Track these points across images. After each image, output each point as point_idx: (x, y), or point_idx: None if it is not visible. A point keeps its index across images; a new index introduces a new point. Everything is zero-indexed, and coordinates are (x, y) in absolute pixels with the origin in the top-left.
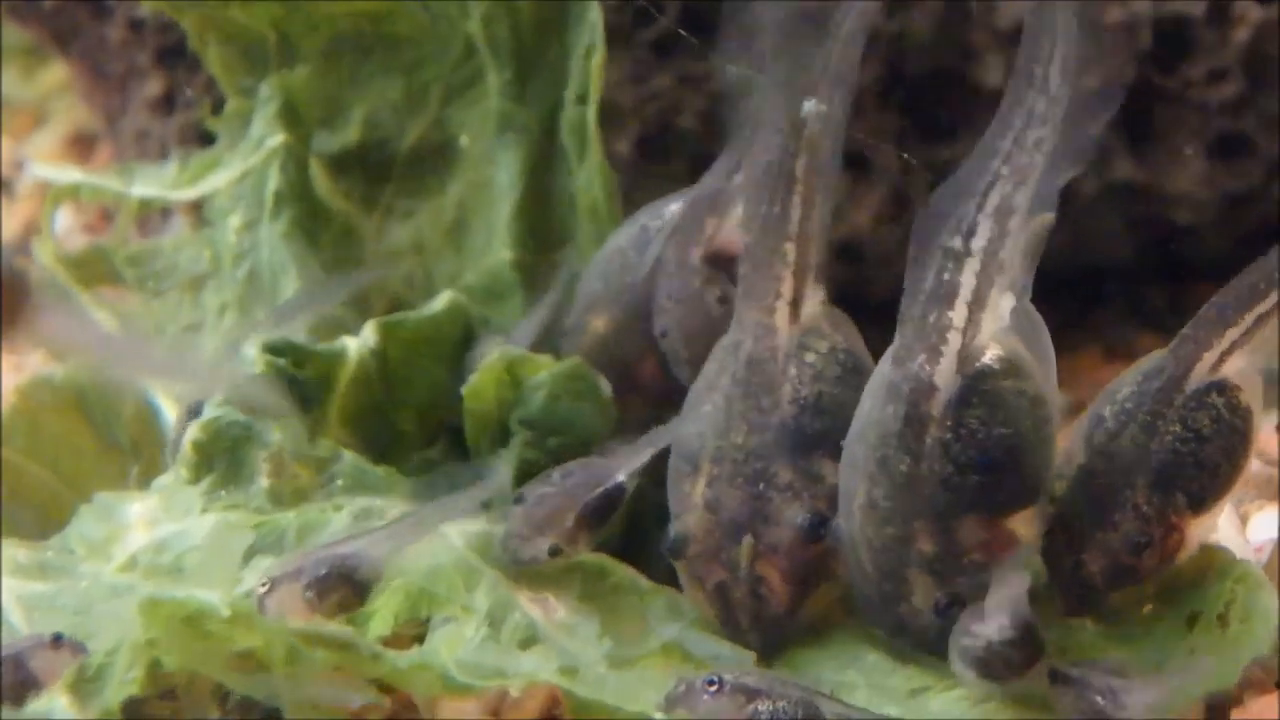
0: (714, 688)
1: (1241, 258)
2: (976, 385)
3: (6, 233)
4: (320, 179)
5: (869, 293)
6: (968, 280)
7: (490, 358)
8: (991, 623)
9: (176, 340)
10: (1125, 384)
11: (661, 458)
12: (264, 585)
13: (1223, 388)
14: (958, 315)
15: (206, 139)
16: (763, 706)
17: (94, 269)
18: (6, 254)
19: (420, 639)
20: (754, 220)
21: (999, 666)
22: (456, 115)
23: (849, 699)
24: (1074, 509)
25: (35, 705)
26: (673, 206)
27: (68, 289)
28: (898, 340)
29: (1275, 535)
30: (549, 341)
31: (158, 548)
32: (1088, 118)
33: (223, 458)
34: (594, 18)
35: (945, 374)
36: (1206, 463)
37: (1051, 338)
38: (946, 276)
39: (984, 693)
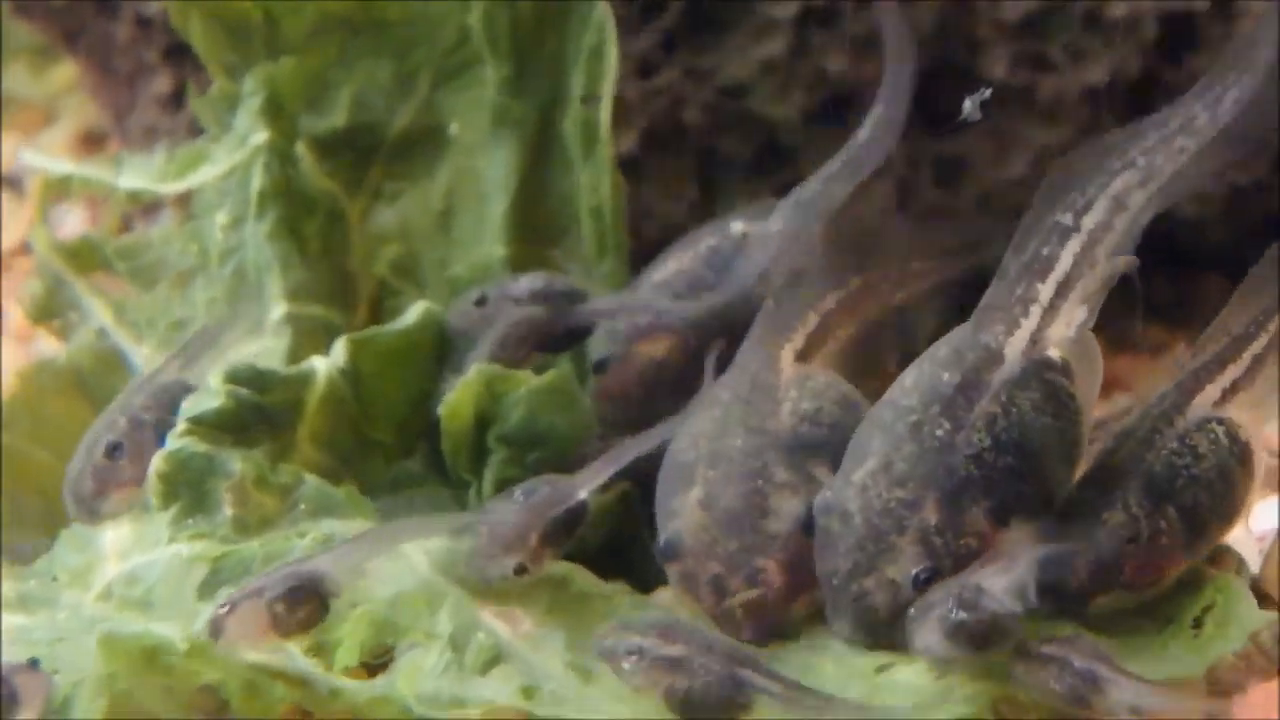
0: (634, 658)
1: (1245, 249)
2: (1039, 371)
3: (19, 230)
4: (307, 159)
5: None
6: (1066, 258)
7: (467, 375)
8: (995, 599)
9: (168, 336)
10: (1131, 412)
11: (651, 459)
12: (223, 607)
13: (1223, 420)
14: (1045, 291)
15: None
16: (679, 684)
17: (88, 258)
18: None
19: (387, 665)
20: (785, 272)
21: (985, 640)
22: (447, 101)
23: (817, 675)
24: (1066, 510)
25: None
26: (736, 224)
27: (64, 276)
28: (975, 316)
29: (1277, 525)
30: None
31: (129, 579)
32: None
33: (188, 488)
34: (600, 17)
35: (1016, 348)
36: (1201, 478)
37: None
38: (1046, 251)
39: (946, 664)
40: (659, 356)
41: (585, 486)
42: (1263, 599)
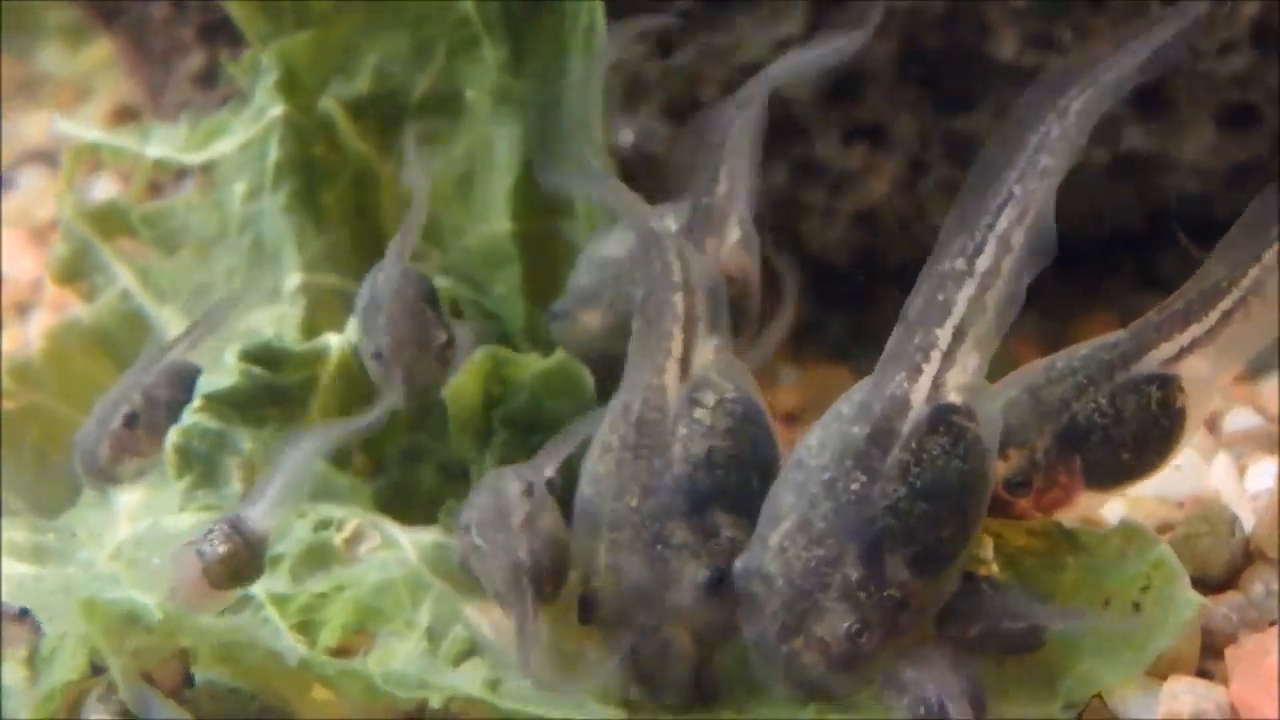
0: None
1: None
2: (945, 415)
3: (51, 207)
4: (342, 123)
5: (885, 260)
6: (961, 303)
7: (475, 357)
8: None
9: (189, 301)
10: (1083, 347)
11: None
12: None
13: (1166, 383)
14: (944, 337)
15: None
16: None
17: (114, 223)
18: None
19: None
20: (642, 280)
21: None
22: (462, 69)
23: None
24: None
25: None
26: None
27: (88, 237)
28: (879, 367)
29: (1271, 485)
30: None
31: (137, 541)
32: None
33: (199, 462)
34: None
35: (921, 392)
36: (1114, 442)
37: (1065, 304)
38: (942, 297)
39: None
40: (594, 327)
41: (550, 466)
42: (1254, 558)
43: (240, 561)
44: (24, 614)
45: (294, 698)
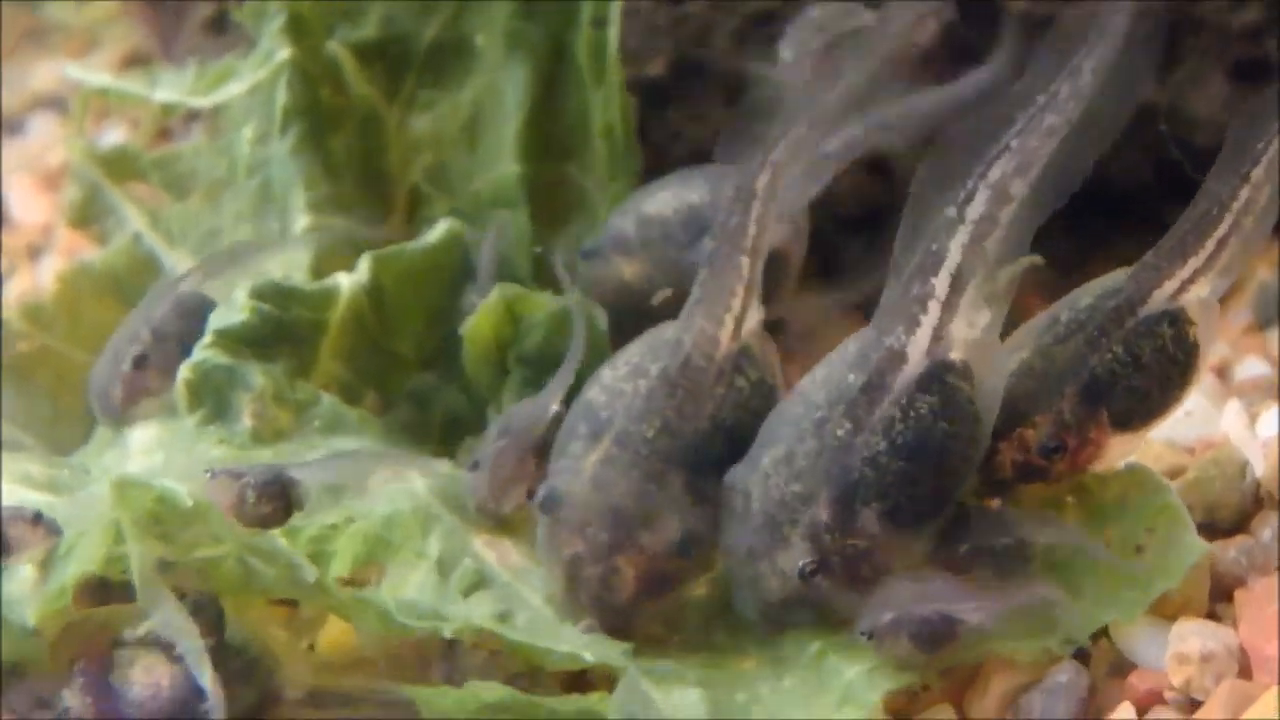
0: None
1: None
2: (939, 373)
3: (61, 152)
4: (350, 66)
5: (898, 207)
6: (955, 250)
7: (490, 298)
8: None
9: (199, 245)
10: (1086, 294)
11: None
12: (207, 473)
13: (1175, 319)
14: (940, 286)
15: None
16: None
17: (124, 167)
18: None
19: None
20: (720, 229)
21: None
22: (472, 15)
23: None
24: (1005, 399)
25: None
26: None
27: (99, 181)
28: (876, 318)
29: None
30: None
31: (150, 475)
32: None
33: (211, 397)
34: None
35: (918, 347)
36: (1139, 389)
37: (1076, 258)
38: (935, 246)
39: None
40: (628, 278)
41: (553, 400)
42: (1264, 503)
43: (273, 519)
44: (37, 517)
45: (283, 653)
